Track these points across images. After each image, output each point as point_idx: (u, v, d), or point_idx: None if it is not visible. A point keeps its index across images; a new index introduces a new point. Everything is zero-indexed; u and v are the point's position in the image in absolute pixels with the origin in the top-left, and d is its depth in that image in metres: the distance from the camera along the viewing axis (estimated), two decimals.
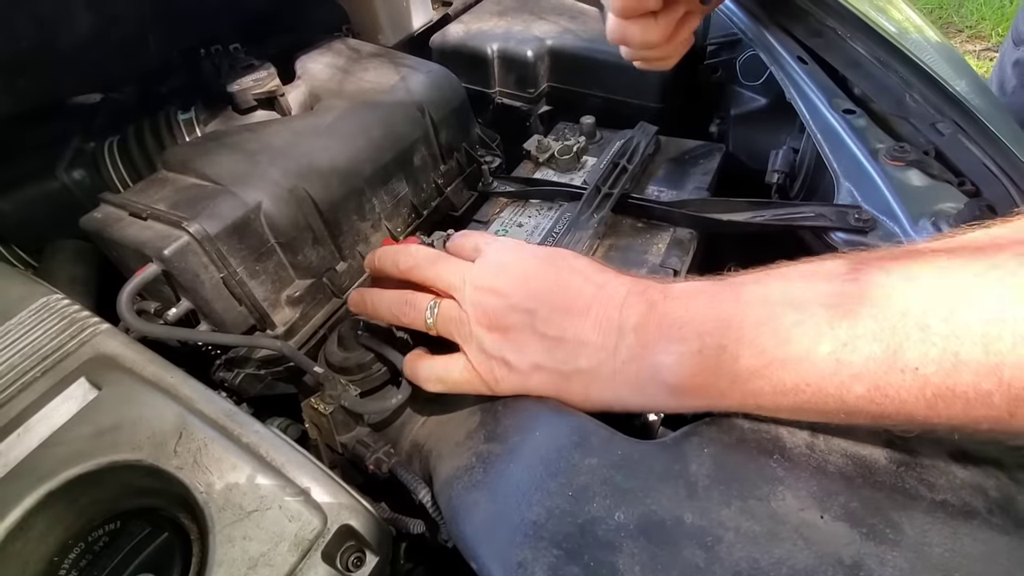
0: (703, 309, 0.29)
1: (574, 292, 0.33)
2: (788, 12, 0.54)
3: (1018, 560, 0.24)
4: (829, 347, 0.25)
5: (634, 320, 0.31)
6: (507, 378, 0.34)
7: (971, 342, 0.22)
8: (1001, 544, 0.24)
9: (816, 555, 0.24)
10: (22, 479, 0.31)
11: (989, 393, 0.22)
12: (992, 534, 0.24)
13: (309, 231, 0.48)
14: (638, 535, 0.25)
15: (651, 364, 0.30)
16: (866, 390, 0.24)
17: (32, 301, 0.40)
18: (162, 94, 0.62)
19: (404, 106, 0.56)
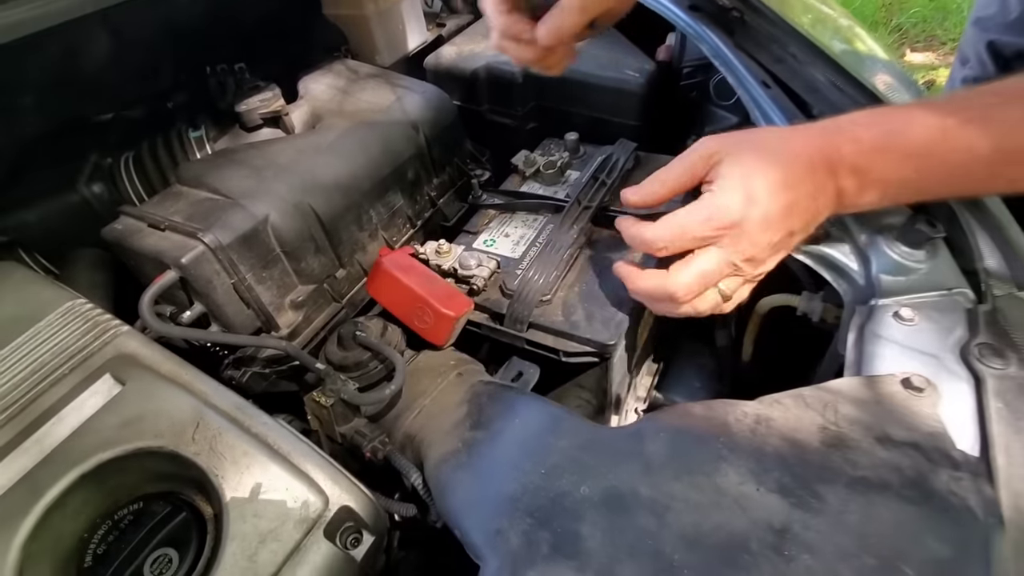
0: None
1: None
2: (753, 40, 0.59)
3: (924, 527, 0.28)
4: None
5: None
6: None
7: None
8: (910, 513, 0.28)
9: (750, 521, 0.28)
10: (57, 463, 0.35)
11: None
12: (902, 505, 0.29)
13: (312, 241, 0.52)
14: (600, 505, 0.29)
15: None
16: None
17: (58, 305, 0.44)
18: (168, 109, 0.66)
19: (400, 124, 0.61)
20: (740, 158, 0.41)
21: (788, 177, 0.39)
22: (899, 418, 0.34)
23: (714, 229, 0.40)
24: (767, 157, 0.40)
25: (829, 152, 0.39)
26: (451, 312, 0.46)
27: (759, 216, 0.39)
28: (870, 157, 0.39)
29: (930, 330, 0.42)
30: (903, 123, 0.39)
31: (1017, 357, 0.39)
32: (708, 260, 0.41)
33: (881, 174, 0.39)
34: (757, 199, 0.39)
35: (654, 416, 0.34)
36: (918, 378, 0.37)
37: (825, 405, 0.35)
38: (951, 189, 0.42)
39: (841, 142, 0.39)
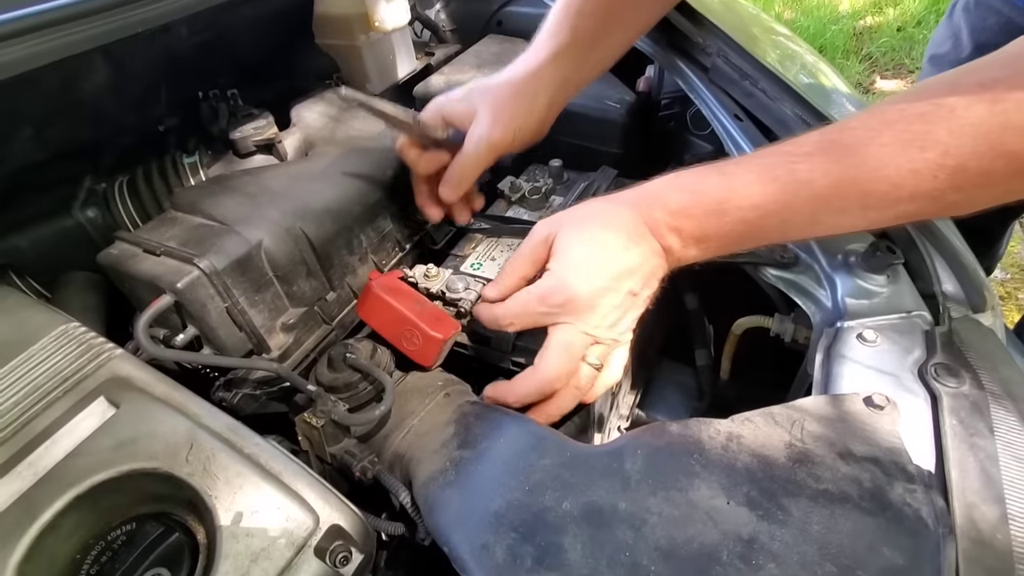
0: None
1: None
2: (726, 76, 0.62)
3: (880, 537, 0.30)
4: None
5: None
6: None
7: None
8: (867, 523, 0.30)
9: (721, 533, 0.30)
10: (52, 484, 0.36)
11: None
12: (861, 516, 0.31)
13: (303, 265, 0.53)
14: (581, 520, 0.31)
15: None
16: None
17: (52, 328, 0.45)
18: (162, 135, 0.67)
19: (389, 152, 0.63)
20: (570, 236, 0.44)
21: (614, 246, 0.43)
22: (860, 434, 0.37)
23: (551, 306, 0.43)
24: (594, 231, 0.43)
25: (646, 218, 0.43)
26: (439, 335, 0.48)
27: (592, 288, 0.42)
28: (679, 219, 0.42)
29: (891, 351, 0.44)
30: (700, 185, 0.42)
31: (970, 376, 0.42)
32: (561, 334, 0.43)
33: (692, 232, 0.43)
34: (587, 272, 0.42)
35: (633, 435, 0.36)
36: (879, 396, 0.39)
37: (793, 423, 0.37)
38: (761, 239, 0.44)
39: (653, 207, 0.43)
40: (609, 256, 0.42)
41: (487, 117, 0.54)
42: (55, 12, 0.41)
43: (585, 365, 0.44)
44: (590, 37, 0.56)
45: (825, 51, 2.65)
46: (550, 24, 0.57)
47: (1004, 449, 0.37)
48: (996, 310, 0.50)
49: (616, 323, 0.45)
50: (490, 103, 0.54)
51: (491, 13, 0.93)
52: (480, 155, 0.54)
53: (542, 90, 0.56)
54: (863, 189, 0.37)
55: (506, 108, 0.54)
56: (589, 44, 0.57)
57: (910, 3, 2.83)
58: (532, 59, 0.56)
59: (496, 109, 0.54)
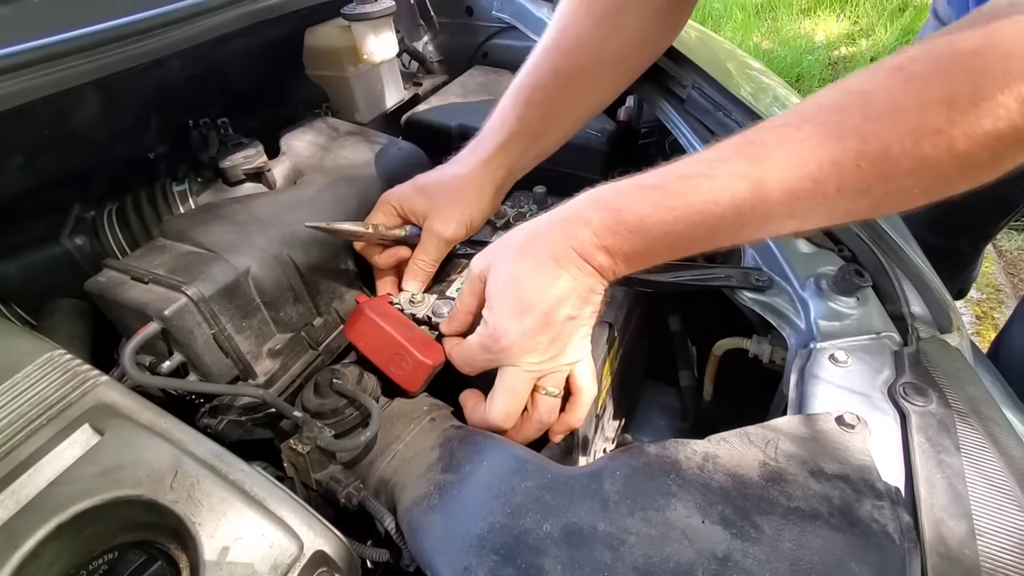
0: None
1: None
2: (700, 108, 0.65)
3: (848, 552, 0.31)
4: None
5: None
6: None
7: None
8: (836, 539, 0.31)
9: (696, 551, 0.31)
10: (35, 513, 0.36)
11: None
12: (830, 532, 0.32)
13: (291, 291, 0.54)
14: (561, 541, 0.32)
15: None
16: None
17: (38, 356, 0.45)
18: (151, 163, 0.68)
19: (377, 180, 0.64)
20: (499, 275, 0.45)
21: (543, 279, 0.43)
22: (832, 453, 0.38)
23: (492, 353, 0.44)
24: (521, 267, 0.44)
25: (573, 241, 0.42)
26: (429, 360, 0.49)
27: (523, 331, 0.43)
28: (605, 238, 0.42)
29: (861, 371, 0.46)
30: (621, 202, 0.42)
31: (937, 395, 0.43)
32: (507, 376, 0.44)
33: (619, 249, 0.42)
34: (519, 314, 0.43)
35: (612, 456, 0.37)
36: (850, 415, 0.41)
37: (767, 442, 0.39)
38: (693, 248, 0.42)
39: (578, 229, 0.43)
40: (538, 291, 0.43)
41: (440, 215, 0.56)
42: (52, 47, 0.42)
43: (542, 397, 0.45)
44: (538, 126, 0.59)
45: (802, 80, 2.74)
46: (500, 112, 0.59)
47: (970, 466, 0.39)
48: (962, 330, 0.52)
49: (561, 352, 0.45)
50: (443, 200, 0.57)
51: (477, 45, 0.97)
52: (436, 252, 0.58)
53: (488, 181, 0.58)
54: (786, 188, 0.36)
55: (457, 204, 0.57)
56: (536, 133, 0.59)
57: (882, 34, 2.95)
58: (481, 151, 0.58)
59: (448, 206, 0.57)
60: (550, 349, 0.44)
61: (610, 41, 0.57)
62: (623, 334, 0.65)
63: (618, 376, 0.67)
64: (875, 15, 3.09)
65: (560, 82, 0.57)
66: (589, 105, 0.62)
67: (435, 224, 0.56)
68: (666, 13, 0.59)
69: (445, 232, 0.57)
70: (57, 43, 0.43)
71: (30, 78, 0.42)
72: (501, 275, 0.45)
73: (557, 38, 0.58)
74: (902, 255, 0.54)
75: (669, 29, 0.63)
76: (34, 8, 0.48)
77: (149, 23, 0.48)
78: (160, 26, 0.49)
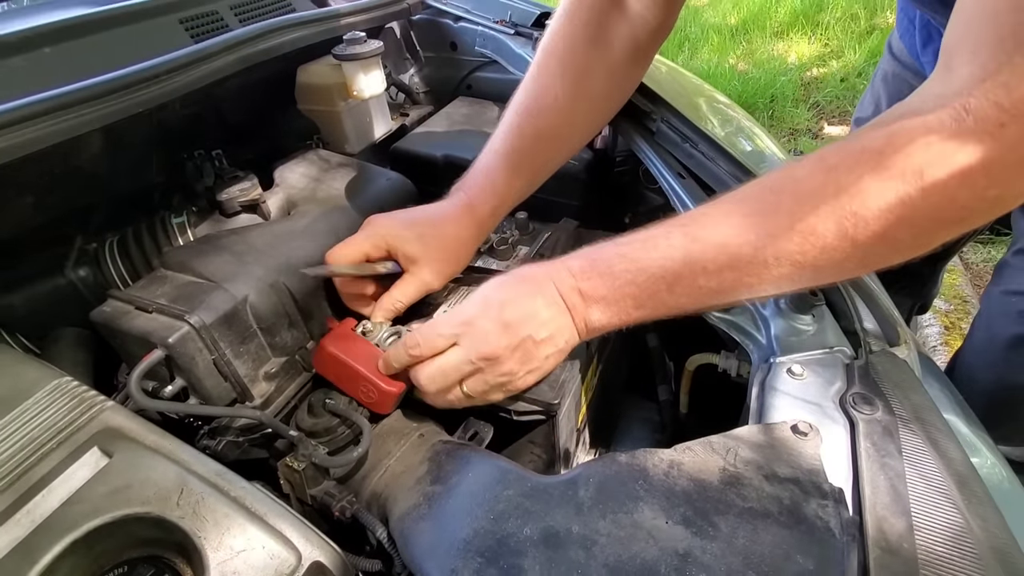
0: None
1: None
2: (669, 140, 0.70)
3: (794, 546, 0.34)
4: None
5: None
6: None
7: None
8: (784, 535, 0.35)
9: (660, 549, 0.34)
10: (50, 530, 0.38)
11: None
12: (779, 529, 0.35)
13: (286, 317, 0.57)
14: (539, 543, 0.35)
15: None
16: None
17: (46, 383, 0.48)
18: (150, 195, 0.71)
19: (367, 208, 0.68)
20: (484, 295, 0.50)
21: (521, 292, 0.48)
22: (786, 458, 0.42)
23: (453, 326, 0.48)
24: (507, 290, 0.49)
25: (554, 277, 0.48)
26: (393, 389, 0.51)
27: (491, 319, 0.47)
28: (580, 280, 0.48)
29: (815, 383, 0.50)
30: (597, 253, 0.48)
31: (883, 404, 0.48)
32: (448, 357, 0.48)
33: (592, 292, 0.47)
34: (492, 306, 0.48)
35: (586, 465, 0.40)
36: (804, 424, 0.45)
37: (728, 450, 0.42)
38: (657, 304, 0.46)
39: (561, 270, 0.49)
40: (515, 301, 0.48)
41: (431, 266, 0.60)
42: (65, 97, 0.46)
43: (457, 388, 0.49)
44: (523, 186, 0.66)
45: (776, 100, 2.85)
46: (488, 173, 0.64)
47: (911, 468, 0.42)
48: (910, 344, 0.56)
49: (504, 363, 0.48)
50: (436, 253, 0.60)
51: (461, 78, 1.01)
52: (416, 295, 0.61)
53: (478, 238, 0.65)
54: (731, 253, 0.42)
55: (449, 259, 0.61)
56: (521, 191, 0.67)
57: (851, 56, 3.07)
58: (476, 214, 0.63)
59: (440, 260, 0.60)
60: (501, 351, 0.47)
61: (580, 101, 0.64)
62: (601, 351, 0.68)
63: (598, 392, 0.71)
64: (844, 38, 3.22)
65: (540, 143, 0.64)
66: (565, 157, 0.70)
67: (424, 273, 0.60)
68: (627, 69, 0.66)
69: (433, 283, 0.61)
70: (69, 93, 0.47)
71: (45, 126, 0.45)
72: (487, 298, 0.49)
73: (534, 102, 0.64)
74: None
75: (630, 82, 0.70)
76: (46, 58, 0.51)
77: (154, 71, 0.52)
78: (164, 73, 0.52)
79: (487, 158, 0.64)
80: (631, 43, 0.63)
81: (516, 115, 0.64)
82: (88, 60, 0.50)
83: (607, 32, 0.62)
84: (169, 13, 0.65)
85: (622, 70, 0.65)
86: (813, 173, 0.40)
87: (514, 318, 0.47)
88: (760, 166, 0.67)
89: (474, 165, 0.65)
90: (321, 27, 0.73)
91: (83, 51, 0.54)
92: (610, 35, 0.62)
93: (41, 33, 0.53)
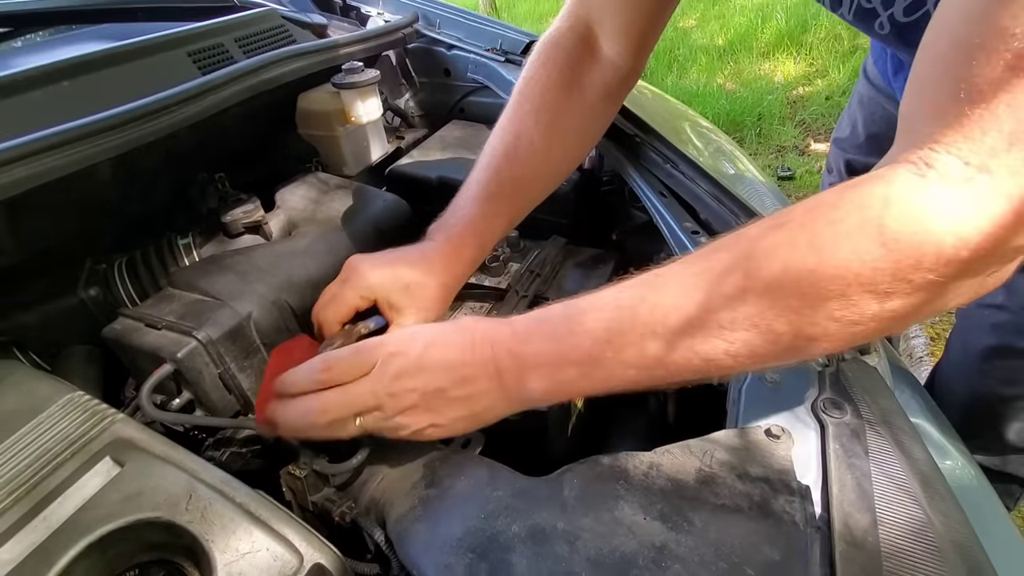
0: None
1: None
2: (652, 161, 0.74)
3: (763, 538, 0.37)
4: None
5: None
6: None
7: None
8: (753, 528, 0.38)
9: (639, 542, 0.37)
10: (66, 535, 0.40)
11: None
12: (750, 523, 0.38)
13: (287, 332, 0.60)
14: (526, 539, 0.38)
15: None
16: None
17: (59, 397, 0.50)
18: (156, 217, 0.74)
19: (364, 228, 0.72)
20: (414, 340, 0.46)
21: (451, 341, 0.45)
22: (758, 459, 0.44)
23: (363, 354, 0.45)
24: (445, 325, 0.47)
25: (493, 336, 0.44)
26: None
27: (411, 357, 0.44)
28: (521, 342, 0.43)
29: (789, 389, 0.53)
30: (545, 315, 0.44)
31: (852, 408, 0.51)
32: (354, 387, 0.44)
33: (533, 358, 0.43)
34: (417, 343, 0.45)
35: (571, 467, 0.43)
36: (776, 428, 0.48)
37: (704, 452, 0.45)
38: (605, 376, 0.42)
39: (503, 330, 0.44)
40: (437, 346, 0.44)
41: (417, 316, 0.58)
42: (83, 128, 0.49)
43: (351, 422, 0.45)
44: (503, 228, 0.66)
45: (763, 118, 2.92)
46: (471, 222, 0.63)
47: (876, 467, 0.45)
48: (879, 351, 0.59)
49: (404, 410, 0.44)
50: (424, 304, 0.59)
51: (455, 102, 1.06)
52: None
53: (460, 283, 0.64)
54: (681, 314, 0.38)
55: (435, 309, 0.60)
56: (501, 233, 0.67)
57: (836, 75, 3.16)
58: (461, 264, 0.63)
59: (427, 309, 0.59)
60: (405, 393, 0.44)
61: (555, 143, 0.65)
62: None
63: (588, 402, 0.73)
64: (828, 57, 3.31)
65: (518, 185, 0.65)
66: (543, 195, 0.70)
67: (409, 323, 0.58)
68: (600, 109, 0.68)
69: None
70: (87, 124, 0.50)
71: (64, 155, 0.48)
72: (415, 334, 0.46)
73: (511, 146, 0.64)
74: None
75: (603, 121, 0.72)
76: (65, 91, 0.55)
77: (164, 102, 0.55)
78: (174, 104, 0.56)
79: (467, 204, 0.64)
80: (603, 87, 0.66)
81: (493, 159, 0.64)
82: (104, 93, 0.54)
83: (580, 78, 0.64)
84: (178, 47, 0.69)
85: (595, 111, 0.68)
86: (766, 232, 0.38)
87: (432, 364, 0.44)
88: (738, 186, 0.70)
89: (453, 208, 0.64)
90: (321, 57, 0.77)
91: (99, 84, 0.57)
92: (583, 80, 0.65)
93: (60, 68, 0.57)
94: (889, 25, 0.59)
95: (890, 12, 0.57)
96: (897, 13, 0.57)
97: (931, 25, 0.36)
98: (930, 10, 0.47)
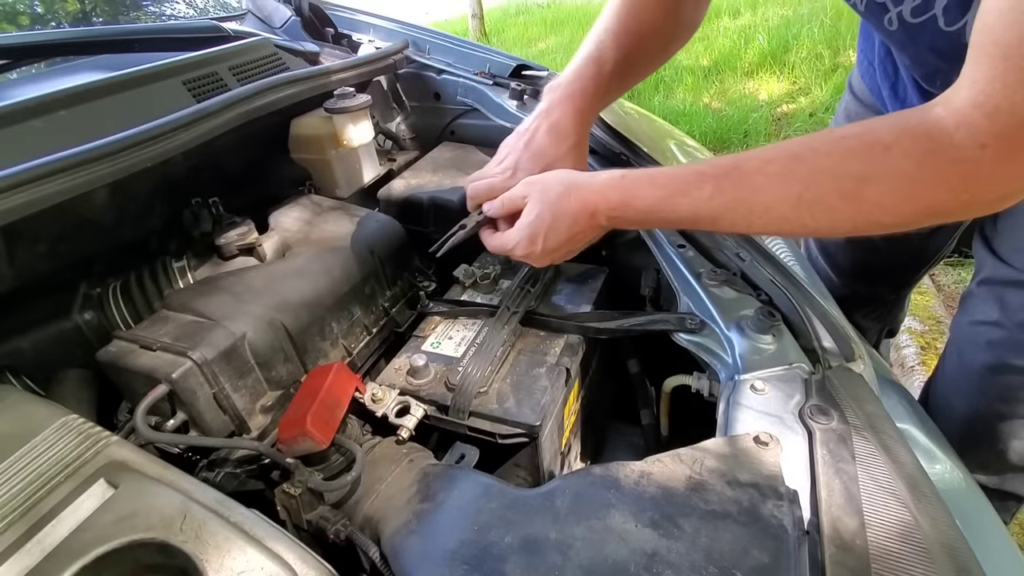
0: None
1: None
2: None
3: (752, 543, 0.38)
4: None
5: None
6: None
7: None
8: (743, 532, 0.38)
9: (630, 550, 0.37)
10: (60, 558, 0.40)
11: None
12: (739, 528, 0.39)
13: (281, 352, 0.61)
14: (520, 550, 0.38)
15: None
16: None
17: (53, 420, 0.50)
18: (150, 241, 0.75)
19: (357, 249, 0.73)
20: (535, 205, 0.62)
21: (558, 219, 0.61)
22: (747, 466, 0.45)
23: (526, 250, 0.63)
24: (550, 206, 0.61)
25: (590, 208, 0.59)
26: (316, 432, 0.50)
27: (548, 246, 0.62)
28: (614, 212, 0.59)
29: (776, 397, 0.54)
30: (636, 191, 0.57)
31: (838, 414, 0.51)
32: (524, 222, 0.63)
33: (623, 220, 0.59)
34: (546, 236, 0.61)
35: (564, 477, 0.44)
36: (765, 435, 0.48)
37: (695, 460, 0.46)
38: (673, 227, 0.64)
39: (597, 202, 0.59)
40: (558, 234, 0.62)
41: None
42: (80, 156, 0.50)
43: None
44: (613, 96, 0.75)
45: (749, 135, 2.98)
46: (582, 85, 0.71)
47: (863, 471, 0.46)
48: (864, 359, 0.61)
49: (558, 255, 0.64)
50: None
51: (445, 125, 1.08)
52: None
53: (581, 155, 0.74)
54: (748, 208, 0.51)
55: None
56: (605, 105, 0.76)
57: (819, 92, 3.24)
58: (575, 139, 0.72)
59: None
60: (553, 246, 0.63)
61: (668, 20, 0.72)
62: (582, 377, 0.72)
63: (581, 417, 0.74)
64: (811, 75, 3.40)
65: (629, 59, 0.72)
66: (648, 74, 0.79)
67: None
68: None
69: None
70: (84, 152, 0.51)
71: (61, 182, 0.49)
72: (536, 206, 0.62)
73: (622, 24, 0.71)
74: (810, 297, 0.64)
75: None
76: (62, 120, 0.56)
77: (160, 129, 0.57)
78: (169, 131, 0.57)
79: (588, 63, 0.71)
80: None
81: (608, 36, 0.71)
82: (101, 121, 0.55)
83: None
84: (173, 76, 0.70)
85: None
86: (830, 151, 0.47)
87: (558, 238, 0.62)
88: None
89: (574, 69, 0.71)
90: (313, 84, 0.79)
91: (96, 113, 0.59)
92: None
93: (58, 98, 0.58)
94: (898, 22, 0.61)
95: (899, 10, 0.60)
96: (905, 12, 0.59)
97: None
98: (937, 15, 0.54)
